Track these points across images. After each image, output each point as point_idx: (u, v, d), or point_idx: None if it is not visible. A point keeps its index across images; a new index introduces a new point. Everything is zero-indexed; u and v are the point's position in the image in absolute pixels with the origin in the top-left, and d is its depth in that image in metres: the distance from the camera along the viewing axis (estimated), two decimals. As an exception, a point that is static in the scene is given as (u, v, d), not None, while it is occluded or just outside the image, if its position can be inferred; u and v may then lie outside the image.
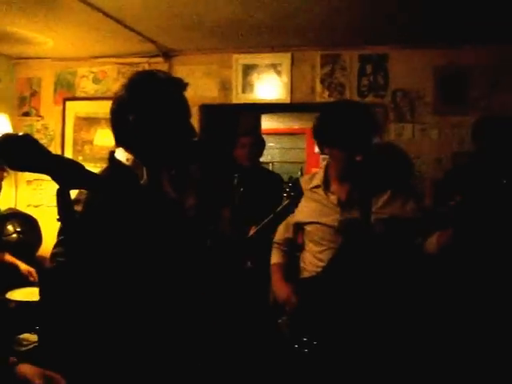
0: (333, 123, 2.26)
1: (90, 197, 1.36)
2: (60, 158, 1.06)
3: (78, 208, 1.34)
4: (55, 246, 1.41)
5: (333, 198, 2.31)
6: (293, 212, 2.19)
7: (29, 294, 3.01)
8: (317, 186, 2.37)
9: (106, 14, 3.34)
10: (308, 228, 2.37)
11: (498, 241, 2.42)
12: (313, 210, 2.33)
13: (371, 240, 2.19)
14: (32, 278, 3.52)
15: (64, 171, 1.04)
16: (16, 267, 3.59)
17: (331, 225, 2.27)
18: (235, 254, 2.56)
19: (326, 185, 2.35)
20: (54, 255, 1.39)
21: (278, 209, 2.23)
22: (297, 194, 2.18)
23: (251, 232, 2.72)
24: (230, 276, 2.79)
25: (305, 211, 2.30)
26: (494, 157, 2.66)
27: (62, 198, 1.05)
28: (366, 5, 3.09)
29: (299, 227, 2.44)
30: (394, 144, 3.70)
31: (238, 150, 3.92)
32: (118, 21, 3.48)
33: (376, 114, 3.60)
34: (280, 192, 3.67)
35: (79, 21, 3.51)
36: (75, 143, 4.69)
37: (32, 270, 3.56)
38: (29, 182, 4.74)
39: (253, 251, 2.74)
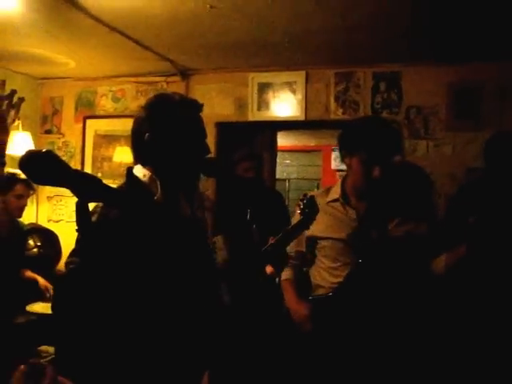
0: (361, 129, 2.26)
1: (105, 209, 1.42)
2: (79, 173, 1.13)
3: (93, 219, 1.40)
4: (70, 255, 1.49)
5: (351, 212, 2.26)
6: (307, 228, 2.15)
7: (48, 308, 3.08)
8: (335, 200, 2.31)
9: (124, 35, 3.46)
10: (323, 243, 2.31)
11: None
12: (328, 224, 2.27)
13: (387, 256, 2.16)
14: (48, 294, 3.60)
15: (83, 185, 1.11)
16: (35, 282, 3.68)
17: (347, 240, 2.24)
18: (252, 267, 2.53)
19: (344, 199, 2.29)
20: (67, 264, 1.48)
21: (292, 225, 2.19)
22: (312, 210, 2.13)
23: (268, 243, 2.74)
24: (248, 288, 2.81)
25: (320, 225, 2.23)
26: (506, 174, 2.65)
27: (81, 210, 1.12)
28: (379, 24, 3.15)
29: (313, 241, 2.38)
30: (413, 164, 3.68)
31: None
32: (136, 41, 3.60)
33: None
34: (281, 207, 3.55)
35: (99, 42, 3.64)
36: (94, 160, 4.81)
37: (49, 286, 3.63)
38: (49, 197, 4.86)
39: (268, 263, 2.75)
